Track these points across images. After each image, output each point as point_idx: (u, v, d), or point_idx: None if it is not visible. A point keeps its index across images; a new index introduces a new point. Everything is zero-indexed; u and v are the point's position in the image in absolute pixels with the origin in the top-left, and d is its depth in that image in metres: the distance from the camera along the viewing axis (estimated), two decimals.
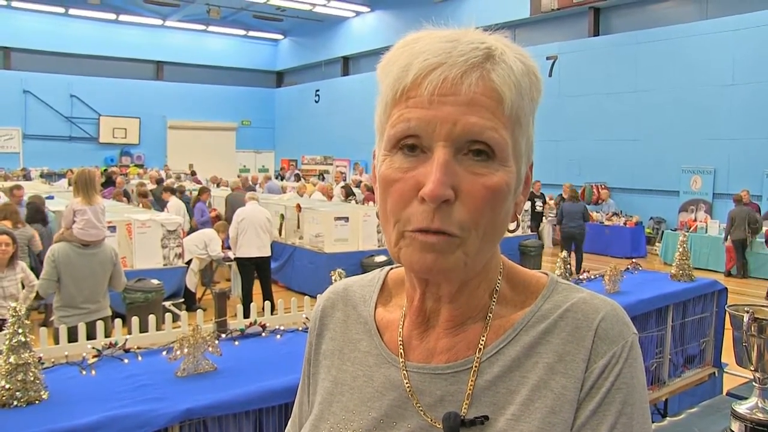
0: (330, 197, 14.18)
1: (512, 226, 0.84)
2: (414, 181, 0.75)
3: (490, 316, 0.85)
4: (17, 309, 2.34)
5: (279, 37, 31.09)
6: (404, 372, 0.86)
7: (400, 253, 0.78)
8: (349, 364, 0.93)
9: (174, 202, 11.99)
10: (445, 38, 0.77)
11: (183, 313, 4.07)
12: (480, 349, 0.83)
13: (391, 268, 1.00)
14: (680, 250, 4.85)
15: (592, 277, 4.91)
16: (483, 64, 0.76)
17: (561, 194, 14.44)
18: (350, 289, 1.00)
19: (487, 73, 0.76)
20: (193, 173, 21.00)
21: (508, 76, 0.76)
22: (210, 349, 2.69)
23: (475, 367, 0.82)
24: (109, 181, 16.27)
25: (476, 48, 0.76)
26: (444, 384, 0.83)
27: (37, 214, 8.96)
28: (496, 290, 0.87)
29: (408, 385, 0.85)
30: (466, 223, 0.75)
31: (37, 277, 5.33)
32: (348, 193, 14.66)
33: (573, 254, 11.58)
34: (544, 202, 14.55)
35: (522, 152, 0.81)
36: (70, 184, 14.80)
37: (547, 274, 0.90)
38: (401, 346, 0.88)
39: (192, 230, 10.50)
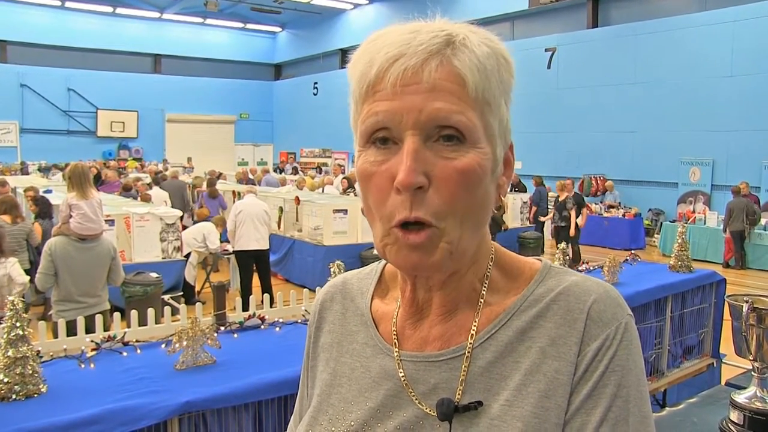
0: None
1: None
2: (388, 174, 0.76)
3: (481, 302, 0.85)
4: (15, 303, 2.33)
5: (277, 29, 30.99)
6: (398, 361, 0.86)
7: (386, 250, 0.79)
8: (347, 356, 0.93)
9: (155, 191, 12.02)
10: (407, 30, 0.78)
11: (182, 307, 4.06)
12: (472, 335, 0.83)
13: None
14: (679, 241, 4.85)
15: (591, 268, 4.92)
16: (443, 51, 0.76)
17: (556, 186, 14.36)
18: (348, 282, 1.01)
19: (447, 59, 0.76)
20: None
21: (469, 59, 0.76)
22: (209, 341, 2.69)
23: (468, 353, 0.82)
24: (96, 178, 16.02)
25: (435, 36, 0.76)
26: (437, 372, 0.83)
27: (50, 208, 8.92)
28: (487, 276, 0.86)
29: (402, 374, 0.85)
30: (442, 210, 0.75)
31: (34, 272, 5.28)
32: (349, 185, 14.64)
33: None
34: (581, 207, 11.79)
35: (496, 133, 0.80)
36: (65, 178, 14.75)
37: (540, 260, 0.90)
38: (395, 336, 0.89)
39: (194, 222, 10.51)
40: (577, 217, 11.39)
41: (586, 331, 0.79)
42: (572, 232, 11.35)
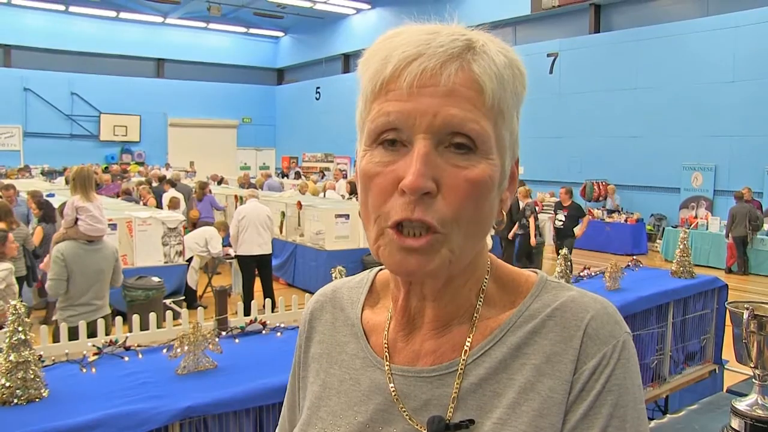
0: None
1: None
2: (394, 175, 0.73)
3: (476, 317, 0.82)
4: (17, 307, 2.34)
5: (280, 34, 31.06)
6: (389, 375, 0.84)
7: (380, 252, 0.76)
8: (336, 367, 0.91)
9: (172, 193, 12.04)
10: (426, 31, 0.76)
11: (184, 311, 4.07)
12: (466, 350, 0.81)
13: (380, 270, 0.98)
14: (681, 246, 4.85)
15: (593, 274, 4.91)
16: (463, 55, 0.74)
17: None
18: (338, 291, 0.99)
19: (467, 64, 0.74)
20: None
21: (489, 67, 0.75)
22: (210, 346, 2.69)
23: (461, 369, 0.80)
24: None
25: (456, 39, 0.75)
26: (429, 387, 0.81)
27: (53, 212, 8.93)
28: (483, 290, 0.84)
29: (393, 388, 0.83)
30: (448, 218, 0.73)
31: (29, 279, 5.25)
32: (353, 189, 14.64)
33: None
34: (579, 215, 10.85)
35: (506, 145, 0.79)
36: (67, 182, 14.80)
37: (536, 273, 0.87)
38: (386, 349, 0.86)
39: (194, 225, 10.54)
40: (575, 225, 10.64)
41: (582, 348, 0.76)
42: (532, 241, 10.39)
